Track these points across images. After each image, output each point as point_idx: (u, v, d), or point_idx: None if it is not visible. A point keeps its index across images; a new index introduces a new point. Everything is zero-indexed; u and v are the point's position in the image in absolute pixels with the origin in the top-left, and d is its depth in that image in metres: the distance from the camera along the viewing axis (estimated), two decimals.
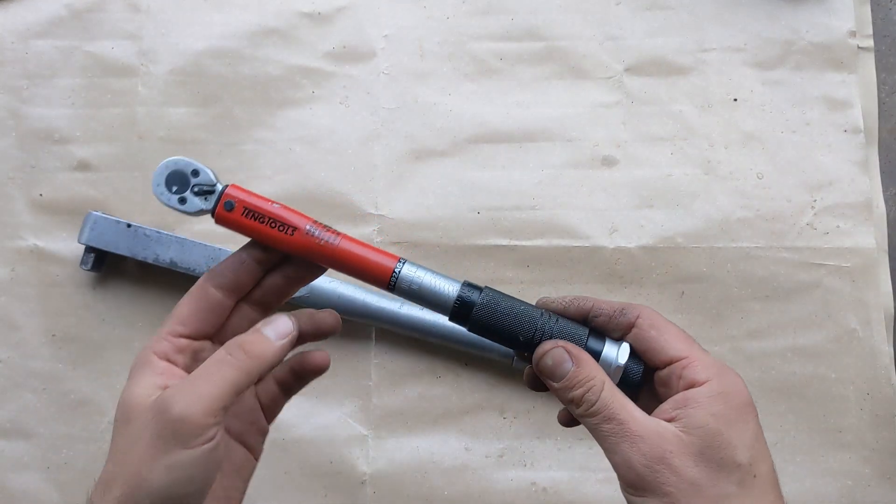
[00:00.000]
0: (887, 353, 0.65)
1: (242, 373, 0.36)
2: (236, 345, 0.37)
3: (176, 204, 0.39)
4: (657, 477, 0.35)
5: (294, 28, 0.71)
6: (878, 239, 0.67)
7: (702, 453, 0.36)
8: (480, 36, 0.71)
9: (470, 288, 0.41)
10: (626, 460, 0.36)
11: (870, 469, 0.64)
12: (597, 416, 0.37)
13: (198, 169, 0.39)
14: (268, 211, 0.39)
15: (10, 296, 0.69)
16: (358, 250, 0.40)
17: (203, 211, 0.39)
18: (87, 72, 0.71)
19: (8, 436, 0.67)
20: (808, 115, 0.69)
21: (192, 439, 0.35)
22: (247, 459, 0.43)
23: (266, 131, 0.70)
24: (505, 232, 0.68)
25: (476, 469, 0.66)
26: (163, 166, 0.40)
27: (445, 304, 0.40)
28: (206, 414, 0.35)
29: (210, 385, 0.36)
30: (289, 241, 0.39)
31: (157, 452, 0.35)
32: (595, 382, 0.38)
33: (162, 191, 0.39)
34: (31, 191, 0.70)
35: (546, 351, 0.39)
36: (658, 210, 0.68)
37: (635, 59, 0.70)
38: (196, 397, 0.35)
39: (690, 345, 0.39)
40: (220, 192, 0.39)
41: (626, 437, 0.36)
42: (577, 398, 0.38)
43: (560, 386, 0.39)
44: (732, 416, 0.37)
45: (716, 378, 0.38)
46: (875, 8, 0.71)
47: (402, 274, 0.40)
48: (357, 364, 0.67)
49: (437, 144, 0.70)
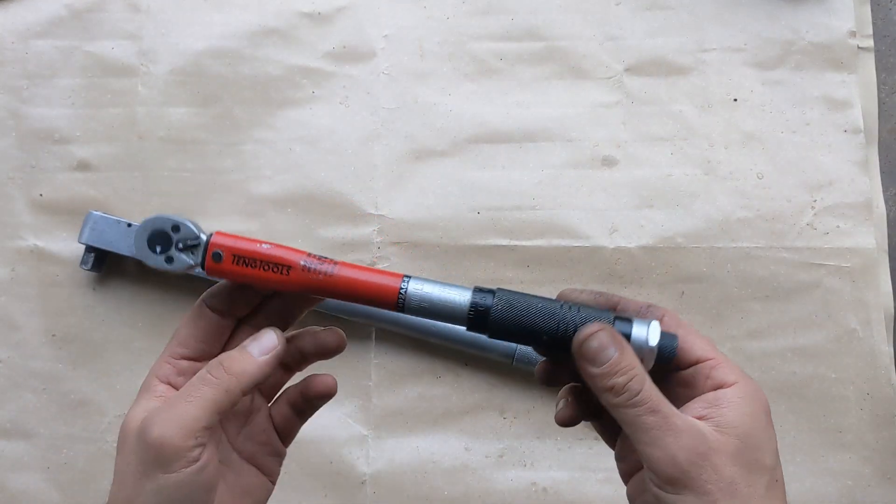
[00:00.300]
0: (887, 353, 0.65)
1: (222, 391, 0.36)
2: (217, 363, 0.37)
3: (163, 265, 0.38)
4: (700, 473, 0.34)
5: (294, 28, 0.71)
6: (878, 239, 0.67)
7: (738, 453, 0.35)
8: (480, 36, 0.71)
9: (482, 293, 0.38)
10: (671, 455, 0.34)
11: (870, 469, 0.64)
12: (640, 406, 0.35)
13: (178, 223, 0.38)
14: (258, 253, 0.38)
15: (10, 296, 0.69)
16: (359, 276, 0.38)
17: (192, 266, 0.38)
18: (87, 72, 0.71)
19: (8, 436, 0.67)
20: (808, 115, 0.69)
21: (172, 462, 0.34)
22: (260, 482, 0.42)
23: (266, 131, 0.70)
24: (505, 232, 0.68)
25: (476, 469, 0.66)
26: (141, 228, 0.38)
27: (460, 315, 0.38)
28: (184, 436, 0.34)
29: (188, 405, 0.35)
30: (286, 281, 0.37)
31: (142, 478, 0.34)
32: (638, 372, 0.36)
33: (146, 254, 0.38)
34: (31, 191, 0.70)
35: (591, 333, 0.37)
36: (658, 210, 0.68)
37: (635, 59, 0.70)
38: (174, 419, 0.34)
39: (714, 347, 0.39)
40: (206, 243, 0.38)
41: (670, 431, 0.35)
42: (618, 386, 0.36)
43: (600, 372, 0.36)
44: (760, 420, 0.37)
45: (741, 381, 0.37)
46: (875, 8, 0.71)
47: (409, 292, 0.38)
48: (357, 364, 0.67)
49: (437, 144, 0.70)
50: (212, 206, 0.69)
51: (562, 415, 0.43)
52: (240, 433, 0.42)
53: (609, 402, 0.36)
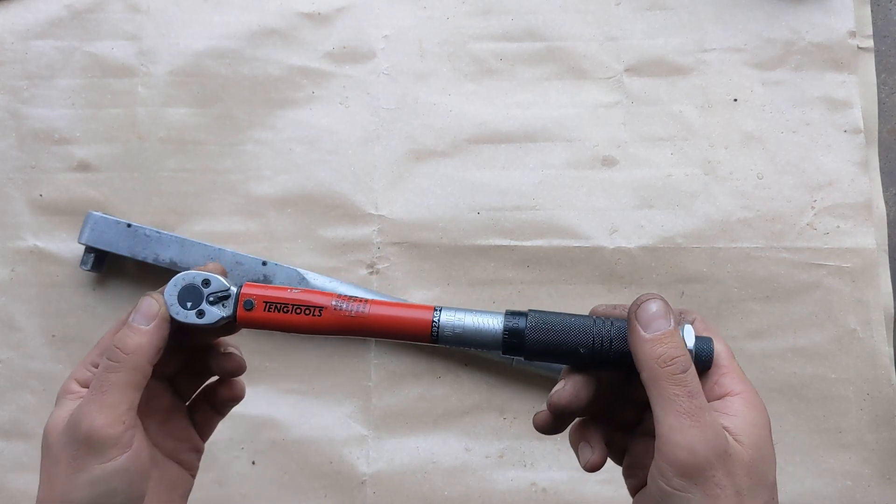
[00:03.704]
0: (887, 354, 0.65)
1: (130, 370, 0.37)
2: (112, 347, 0.38)
3: (195, 319, 0.39)
4: (714, 474, 0.33)
5: (294, 28, 0.71)
6: (878, 239, 0.67)
7: (751, 464, 0.35)
8: (480, 36, 0.71)
9: (514, 316, 0.39)
10: (691, 445, 0.33)
11: (870, 469, 0.64)
12: (681, 386, 0.34)
13: (208, 278, 0.39)
14: (289, 298, 0.39)
15: (10, 296, 0.69)
16: (392, 312, 0.39)
17: (224, 319, 0.39)
18: (87, 72, 0.71)
19: (8, 436, 0.67)
20: (808, 116, 0.69)
21: (107, 450, 0.36)
22: (181, 476, 0.44)
23: (266, 131, 0.70)
24: (505, 232, 0.68)
25: (476, 469, 0.66)
26: (172, 286, 0.39)
27: (493, 340, 0.38)
28: (112, 423, 0.36)
29: (106, 394, 0.36)
30: (319, 323, 0.39)
31: (75, 472, 0.36)
32: (686, 352, 0.36)
33: (178, 310, 0.39)
34: (31, 191, 0.70)
35: (650, 298, 0.37)
36: (658, 210, 0.68)
37: (635, 59, 0.70)
38: (97, 409, 0.36)
39: (730, 354, 0.39)
40: (237, 294, 0.39)
41: (699, 422, 0.34)
42: (666, 356, 0.35)
43: (651, 337, 0.36)
44: (766, 434, 0.36)
45: (747, 392, 0.37)
46: (875, 8, 0.71)
47: (442, 322, 0.39)
48: (357, 364, 0.67)
49: (437, 145, 0.70)
50: (212, 206, 0.69)
51: (541, 418, 0.40)
52: (160, 431, 0.43)
53: (652, 372, 0.35)
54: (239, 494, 0.65)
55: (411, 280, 0.68)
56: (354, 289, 0.65)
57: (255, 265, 0.65)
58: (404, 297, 0.68)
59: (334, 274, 0.68)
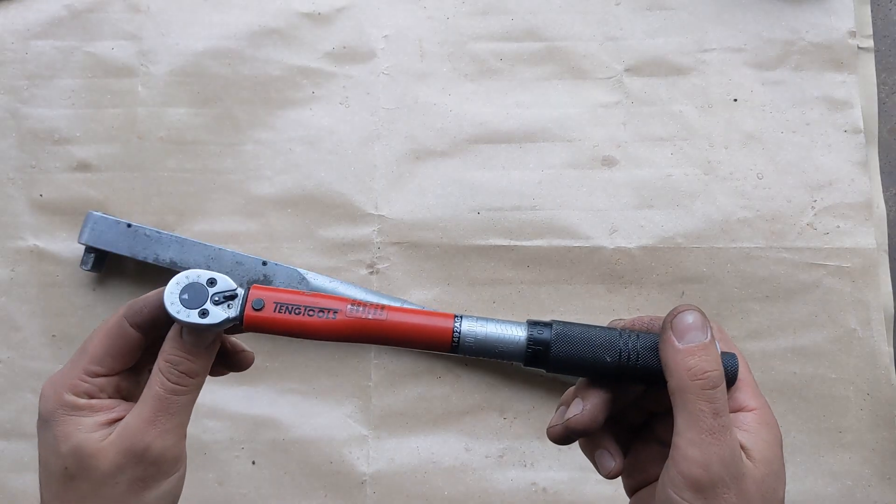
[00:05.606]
0: (887, 353, 0.65)
1: (196, 390, 0.38)
2: (176, 372, 0.37)
3: (197, 319, 0.36)
4: (725, 492, 0.33)
5: (294, 28, 0.71)
6: (878, 239, 0.67)
7: (762, 481, 0.34)
8: (480, 36, 0.71)
9: (537, 326, 0.37)
10: (707, 461, 0.33)
11: (870, 469, 0.64)
12: (709, 402, 0.34)
13: (214, 277, 0.37)
14: (303, 300, 0.37)
15: (10, 296, 0.69)
16: (411, 319, 0.37)
17: (229, 320, 0.36)
18: (87, 72, 0.71)
19: (8, 436, 0.67)
20: (808, 115, 0.69)
21: (172, 468, 0.38)
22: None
23: (266, 131, 0.70)
24: (505, 232, 0.68)
25: (476, 469, 0.66)
26: (174, 284, 0.36)
27: (517, 351, 0.37)
28: (179, 441, 0.38)
29: (175, 415, 0.37)
30: (333, 326, 0.36)
31: (142, 491, 0.37)
32: (719, 368, 0.35)
33: (178, 309, 0.36)
34: (31, 191, 0.70)
35: (688, 308, 0.36)
36: (658, 210, 0.68)
37: (635, 59, 0.70)
38: (168, 431, 0.37)
39: (747, 368, 0.38)
40: (245, 294, 0.37)
41: (718, 441, 0.33)
42: (698, 369, 0.34)
43: (684, 348, 0.35)
44: (778, 451, 0.36)
45: (761, 408, 0.37)
46: (875, 8, 0.71)
47: (463, 330, 0.37)
48: (357, 364, 0.67)
49: (437, 144, 0.70)
50: (212, 206, 0.69)
51: (557, 431, 0.40)
52: None
53: (681, 383, 0.35)
54: (239, 494, 0.65)
55: (411, 280, 0.68)
56: (355, 289, 0.65)
57: (255, 265, 0.65)
58: (404, 297, 0.68)
59: (334, 274, 0.68)
